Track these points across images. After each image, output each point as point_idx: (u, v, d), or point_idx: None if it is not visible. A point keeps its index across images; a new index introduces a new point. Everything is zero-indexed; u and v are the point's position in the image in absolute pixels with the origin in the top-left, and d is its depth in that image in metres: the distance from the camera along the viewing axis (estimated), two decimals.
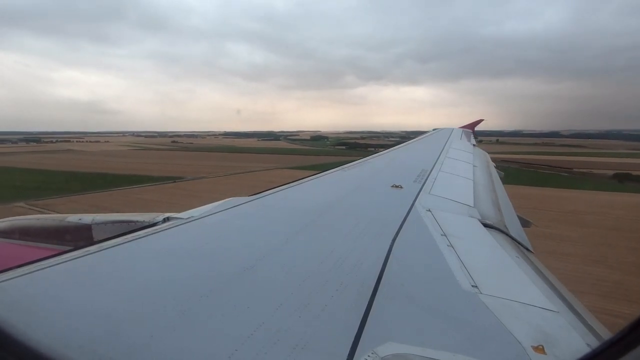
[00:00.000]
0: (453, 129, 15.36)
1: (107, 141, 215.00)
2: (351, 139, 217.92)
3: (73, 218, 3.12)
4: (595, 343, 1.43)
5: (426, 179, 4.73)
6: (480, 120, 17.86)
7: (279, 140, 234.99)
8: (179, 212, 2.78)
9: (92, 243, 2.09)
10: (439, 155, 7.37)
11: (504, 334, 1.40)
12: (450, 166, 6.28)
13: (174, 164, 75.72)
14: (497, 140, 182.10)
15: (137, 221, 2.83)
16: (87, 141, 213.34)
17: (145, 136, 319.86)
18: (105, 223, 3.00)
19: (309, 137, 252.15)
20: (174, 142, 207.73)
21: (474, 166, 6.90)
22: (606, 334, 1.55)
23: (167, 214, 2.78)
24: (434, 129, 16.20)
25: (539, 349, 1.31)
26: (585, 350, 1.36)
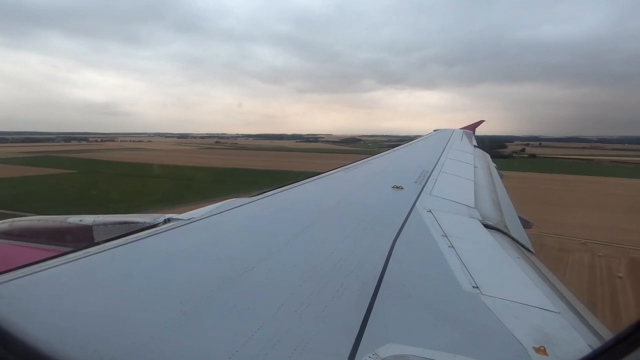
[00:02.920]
0: (454, 130, 15.34)
1: (150, 141, 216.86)
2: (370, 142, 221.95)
3: (74, 219, 3.12)
4: (596, 344, 1.43)
5: (427, 180, 4.73)
6: (481, 122, 17.87)
7: (315, 142, 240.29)
8: None
9: (93, 244, 2.09)
10: (440, 156, 7.36)
11: (505, 335, 1.40)
12: (451, 167, 6.27)
13: (289, 162, 76.11)
14: (540, 144, 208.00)
15: (138, 222, 2.83)
16: (130, 140, 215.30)
17: (177, 137, 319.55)
18: (106, 224, 3.00)
19: (338, 140, 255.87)
20: (217, 142, 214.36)
21: (474, 167, 6.89)
22: (607, 335, 1.55)
23: (167, 215, 2.79)
24: (434, 130, 16.15)
25: (540, 349, 1.31)
26: (587, 350, 1.36)
